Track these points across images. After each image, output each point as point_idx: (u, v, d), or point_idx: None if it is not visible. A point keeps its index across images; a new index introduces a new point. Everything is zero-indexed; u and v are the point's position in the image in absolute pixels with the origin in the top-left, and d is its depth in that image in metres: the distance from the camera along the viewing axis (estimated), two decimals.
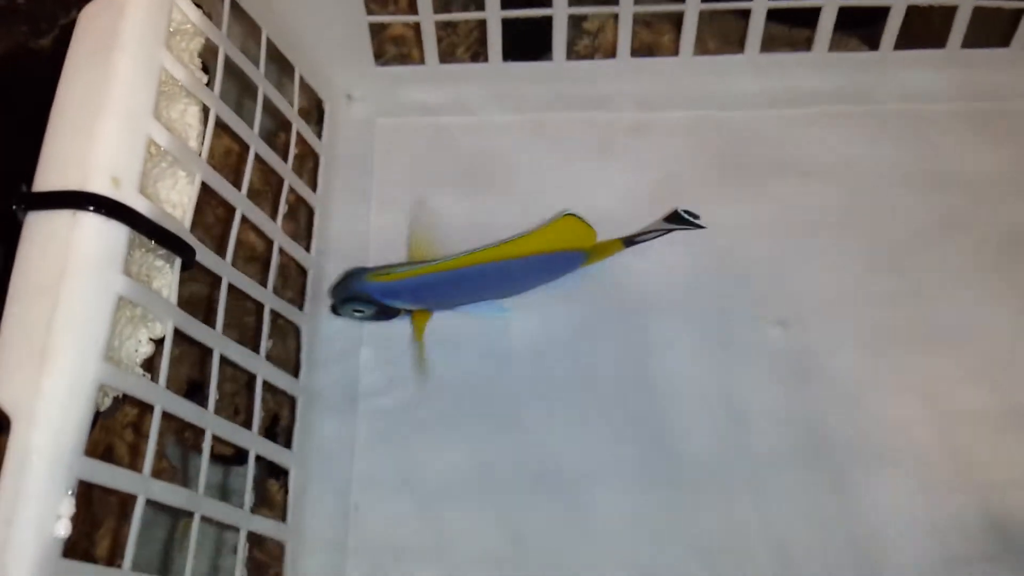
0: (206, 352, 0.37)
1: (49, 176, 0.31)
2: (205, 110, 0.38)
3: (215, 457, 0.43)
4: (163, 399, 0.33)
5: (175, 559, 0.42)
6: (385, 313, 0.45)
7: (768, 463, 0.43)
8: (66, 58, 0.34)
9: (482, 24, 0.49)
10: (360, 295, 0.44)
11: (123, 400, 0.34)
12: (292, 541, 0.42)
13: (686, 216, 0.44)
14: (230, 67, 0.40)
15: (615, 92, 0.52)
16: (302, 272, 0.47)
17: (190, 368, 0.46)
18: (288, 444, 0.43)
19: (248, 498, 0.40)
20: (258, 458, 0.40)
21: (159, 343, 0.34)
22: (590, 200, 0.48)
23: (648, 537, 0.43)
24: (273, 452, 0.42)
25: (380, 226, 0.50)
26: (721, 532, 0.42)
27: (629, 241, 0.46)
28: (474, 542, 0.43)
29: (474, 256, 0.43)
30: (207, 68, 0.39)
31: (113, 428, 0.44)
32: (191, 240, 0.35)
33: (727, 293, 0.47)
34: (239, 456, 0.43)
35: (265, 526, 0.40)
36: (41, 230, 0.30)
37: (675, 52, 0.50)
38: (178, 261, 0.34)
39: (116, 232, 0.30)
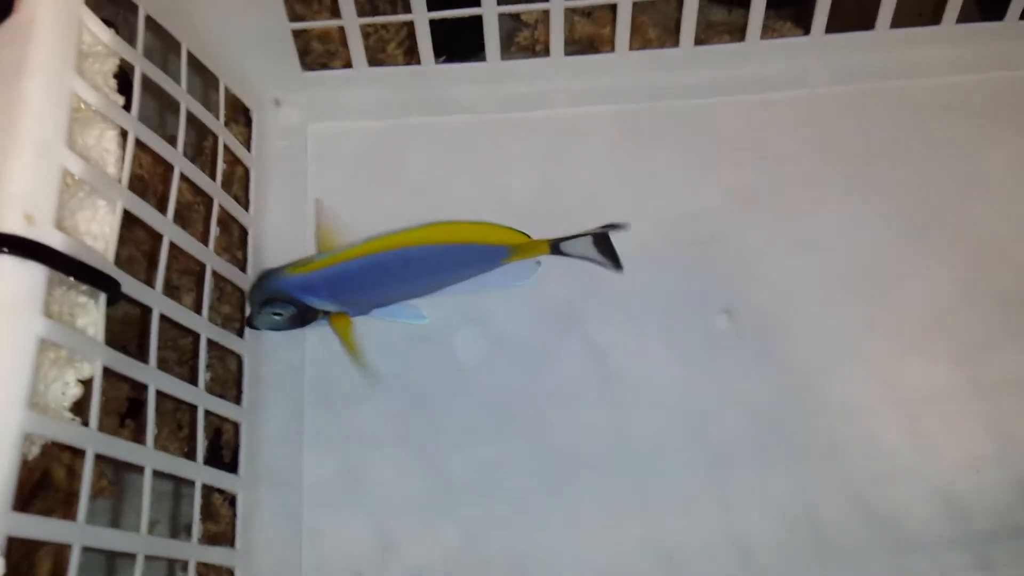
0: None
1: None
2: (123, 133, 0.36)
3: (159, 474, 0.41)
4: (95, 443, 0.32)
5: None
6: (303, 317, 0.43)
7: (724, 454, 0.44)
8: None
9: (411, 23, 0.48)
10: (278, 294, 0.42)
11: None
12: (241, 567, 0.41)
13: (609, 242, 0.45)
14: (149, 84, 0.39)
15: (551, 90, 0.51)
16: (239, 288, 0.46)
17: (129, 389, 0.44)
18: (234, 465, 0.42)
19: (196, 529, 0.38)
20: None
21: (88, 383, 0.32)
22: (526, 201, 0.48)
23: (606, 534, 0.42)
24: (219, 479, 0.40)
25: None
26: (679, 525, 0.42)
27: (555, 246, 0.45)
28: (429, 552, 0.42)
29: (394, 239, 0.43)
30: (125, 88, 0.37)
31: (50, 452, 0.42)
32: (115, 273, 0.33)
33: (669, 285, 0.47)
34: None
35: (213, 555, 0.39)
36: None
37: (613, 46, 0.50)
38: (103, 296, 0.33)
39: (33, 272, 0.29)
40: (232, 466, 0.42)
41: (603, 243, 0.45)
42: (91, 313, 0.33)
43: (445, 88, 0.51)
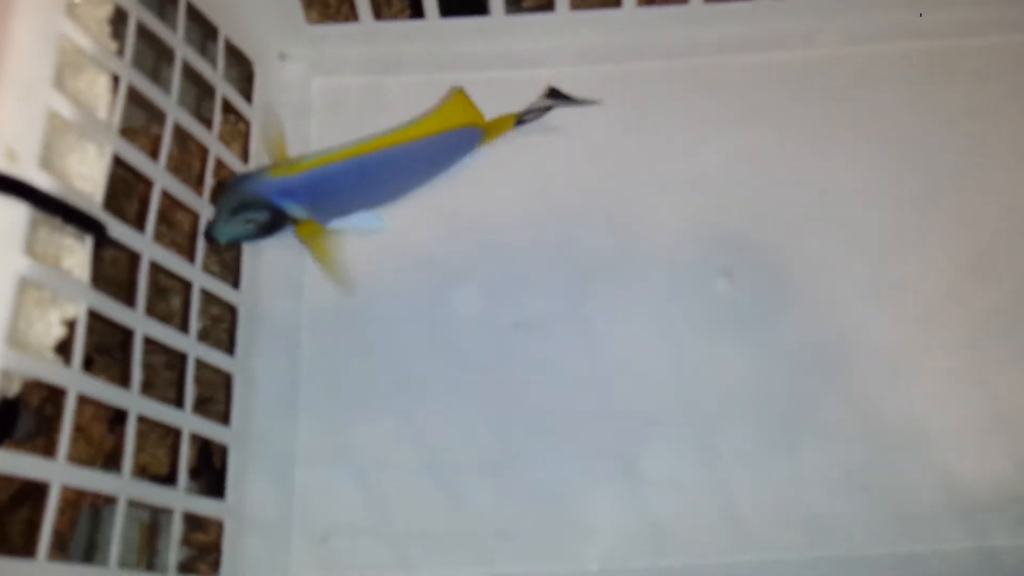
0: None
1: None
2: (116, 79, 0.36)
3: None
4: (77, 382, 0.32)
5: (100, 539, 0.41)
6: (272, 226, 0.42)
7: (716, 421, 0.43)
8: None
9: None
10: (257, 199, 0.41)
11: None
12: (231, 521, 0.41)
13: (563, 93, 0.46)
14: (144, 32, 0.38)
15: (556, 46, 0.50)
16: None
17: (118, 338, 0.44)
18: (226, 418, 0.42)
19: (183, 479, 0.39)
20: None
21: (73, 324, 0.33)
22: (528, 158, 0.48)
23: (597, 501, 0.42)
24: (209, 429, 0.41)
25: None
26: (667, 496, 0.42)
27: (520, 119, 0.46)
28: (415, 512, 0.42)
29: (376, 142, 0.43)
30: (119, 34, 0.37)
31: (31, 391, 0.42)
32: (101, 215, 0.33)
33: (669, 247, 0.46)
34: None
35: (202, 506, 0.40)
36: None
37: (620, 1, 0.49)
38: (90, 239, 0.33)
39: (14, 210, 0.29)
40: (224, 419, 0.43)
41: (557, 97, 0.47)
42: (77, 255, 0.33)
43: (450, 43, 0.50)
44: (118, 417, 0.39)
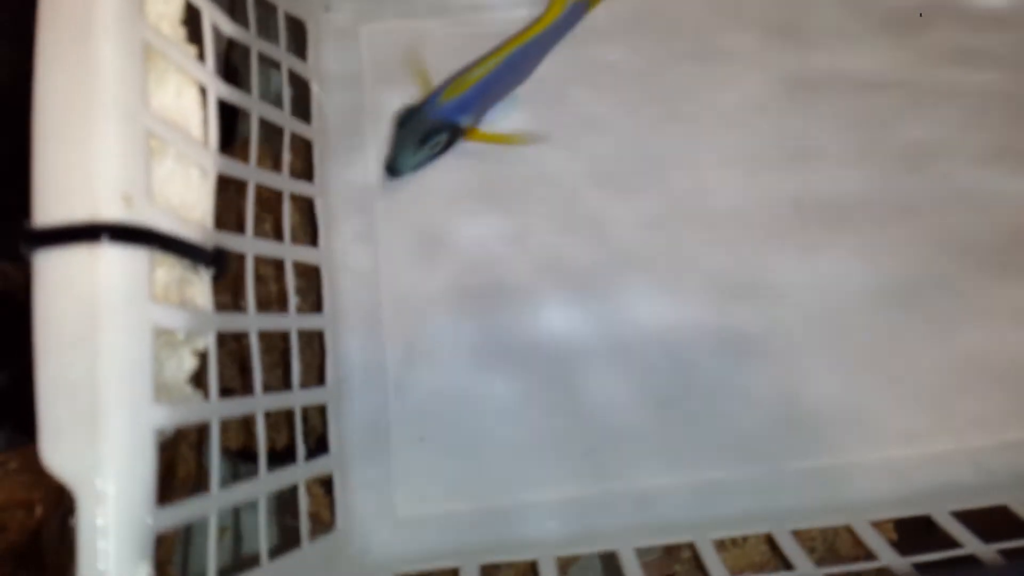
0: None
1: (50, 205, 0.27)
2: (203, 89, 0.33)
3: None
4: (218, 411, 0.31)
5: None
6: (451, 142, 0.45)
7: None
8: (36, 53, 0.29)
9: None
10: (440, 123, 0.44)
11: None
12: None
13: None
14: (218, 31, 0.36)
15: None
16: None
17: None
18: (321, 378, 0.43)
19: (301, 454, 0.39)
20: None
21: (204, 355, 0.31)
22: (581, 93, 0.48)
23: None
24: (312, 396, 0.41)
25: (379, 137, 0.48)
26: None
27: None
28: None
29: (512, 42, 0.46)
30: (196, 36, 0.34)
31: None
32: (217, 242, 0.32)
33: None
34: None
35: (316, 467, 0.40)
36: (56, 271, 0.26)
37: None
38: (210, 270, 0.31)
39: (140, 258, 0.27)
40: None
41: None
42: (196, 285, 0.31)
43: None
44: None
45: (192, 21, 0.34)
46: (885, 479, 0.42)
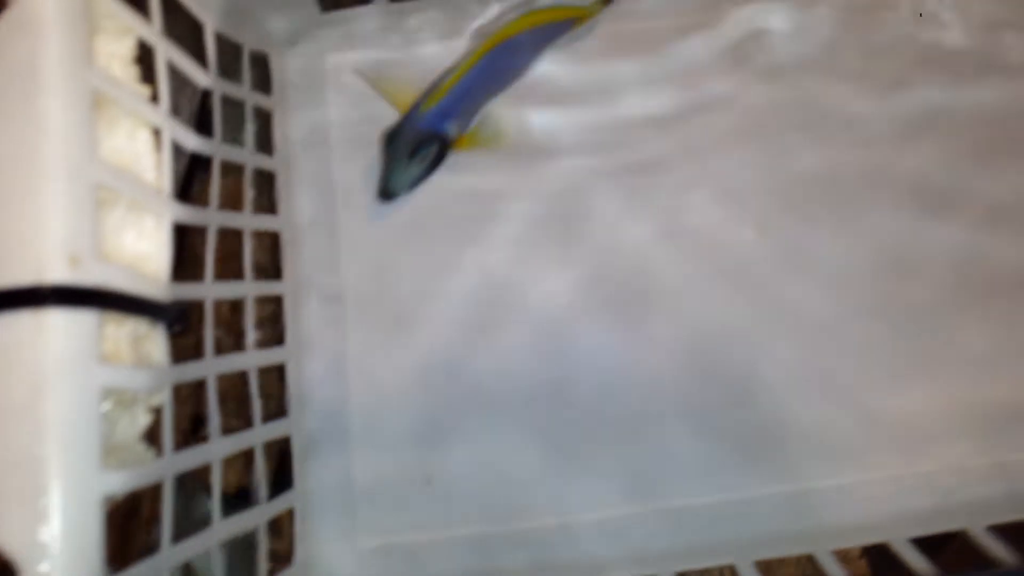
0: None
1: None
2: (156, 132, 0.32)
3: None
4: (172, 468, 0.30)
5: None
6: (440, 155, 0.44)
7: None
8: None
9: None
10: (425, 133, 0.43)
11: None
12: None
13: None
14: (173, 68, 0.35)
15: None
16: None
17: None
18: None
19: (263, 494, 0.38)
20: None
21: (159, 410, 0.31)
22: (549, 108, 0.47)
23: None
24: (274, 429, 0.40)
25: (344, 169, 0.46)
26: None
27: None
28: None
29: (489, 40, 0.44)
30: (149, 76, 0.33)
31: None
32: (175, 294, 0.31)
33: None
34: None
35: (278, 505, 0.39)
36: None
37: None
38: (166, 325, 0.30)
39: (87, 320, 0.26)
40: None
41: None
42: (153, 339, 0.30)
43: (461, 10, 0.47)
44: None
45: (147, 58, 0.33)
46: (848, 505, 0.41)
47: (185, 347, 0.34)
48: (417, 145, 0.43)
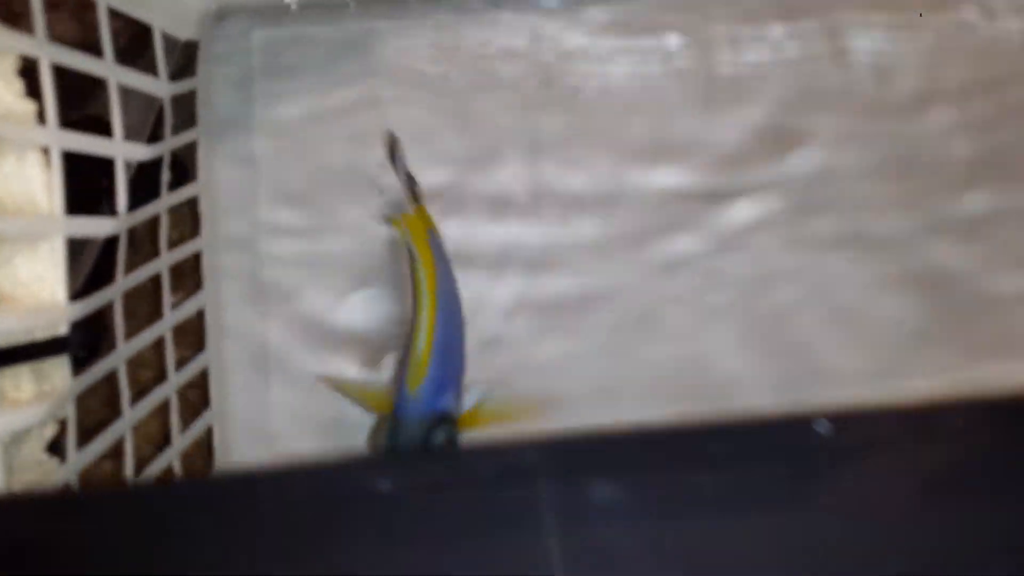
0: None
1: None
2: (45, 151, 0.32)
3: None
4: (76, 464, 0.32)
5: None
6: (451, 437, 0.37)
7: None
8: None
9: None
10: (427, 421, 0.36)
11: None
12: None
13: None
14: (64, 72, 0.33)
15: None
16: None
17: None
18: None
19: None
20: None
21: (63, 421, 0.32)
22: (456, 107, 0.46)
23: None
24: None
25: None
26: None
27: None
28: None
29: (424, 294, 0.38)
30: (34, 89, 0.32)
31: None
32: (81, 311, 0.31)
33: None
34: None
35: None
36: None
37: None
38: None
39: None
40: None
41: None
42: (57, 369, 0.31)
43: None
44: None
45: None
46: None
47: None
48: (425, 437, 0.36)
